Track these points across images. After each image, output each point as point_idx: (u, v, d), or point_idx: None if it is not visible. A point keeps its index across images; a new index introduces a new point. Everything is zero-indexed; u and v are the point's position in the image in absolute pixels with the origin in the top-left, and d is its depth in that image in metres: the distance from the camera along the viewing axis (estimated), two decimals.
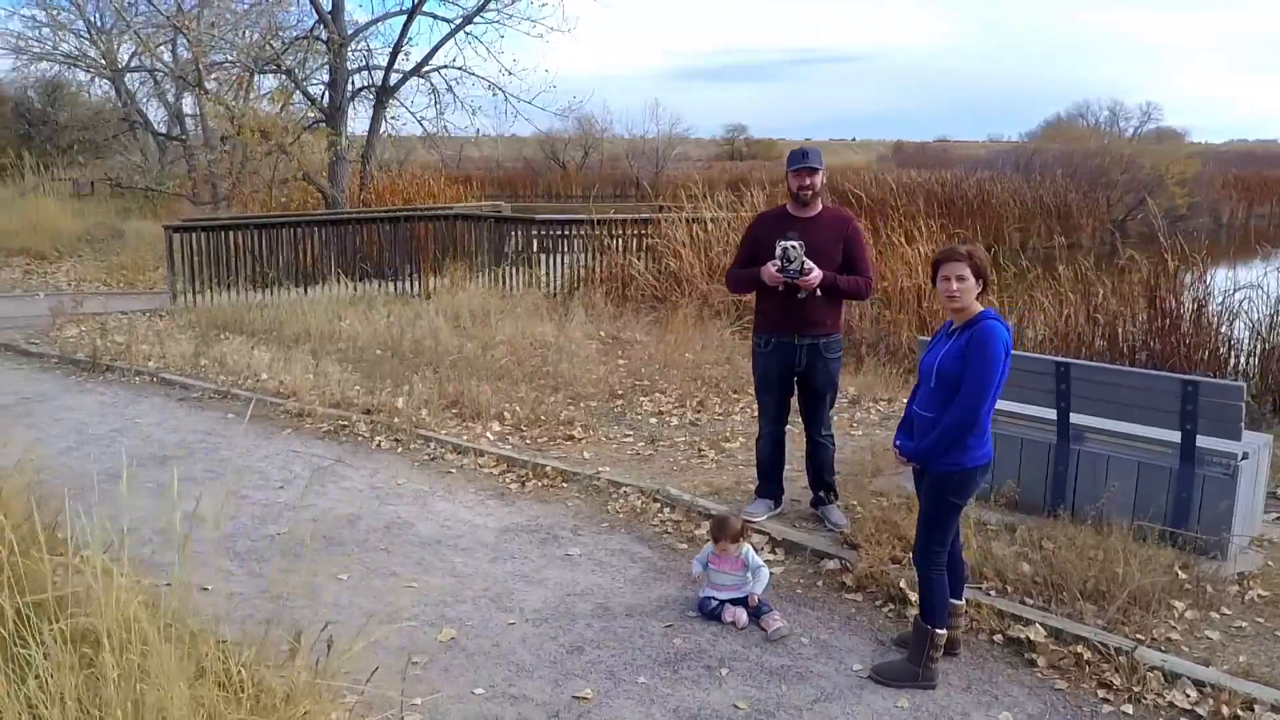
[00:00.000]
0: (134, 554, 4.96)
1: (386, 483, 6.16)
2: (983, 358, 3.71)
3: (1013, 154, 35.59)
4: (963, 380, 3.75)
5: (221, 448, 6.80)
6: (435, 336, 9.15)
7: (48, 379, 8.72)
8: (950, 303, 3.85)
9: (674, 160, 56.74)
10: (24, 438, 6.91)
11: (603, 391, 7.92)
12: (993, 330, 3.75)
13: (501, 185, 47.66)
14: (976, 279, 3.81)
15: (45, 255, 16.59)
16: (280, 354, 8.82)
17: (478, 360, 8.54)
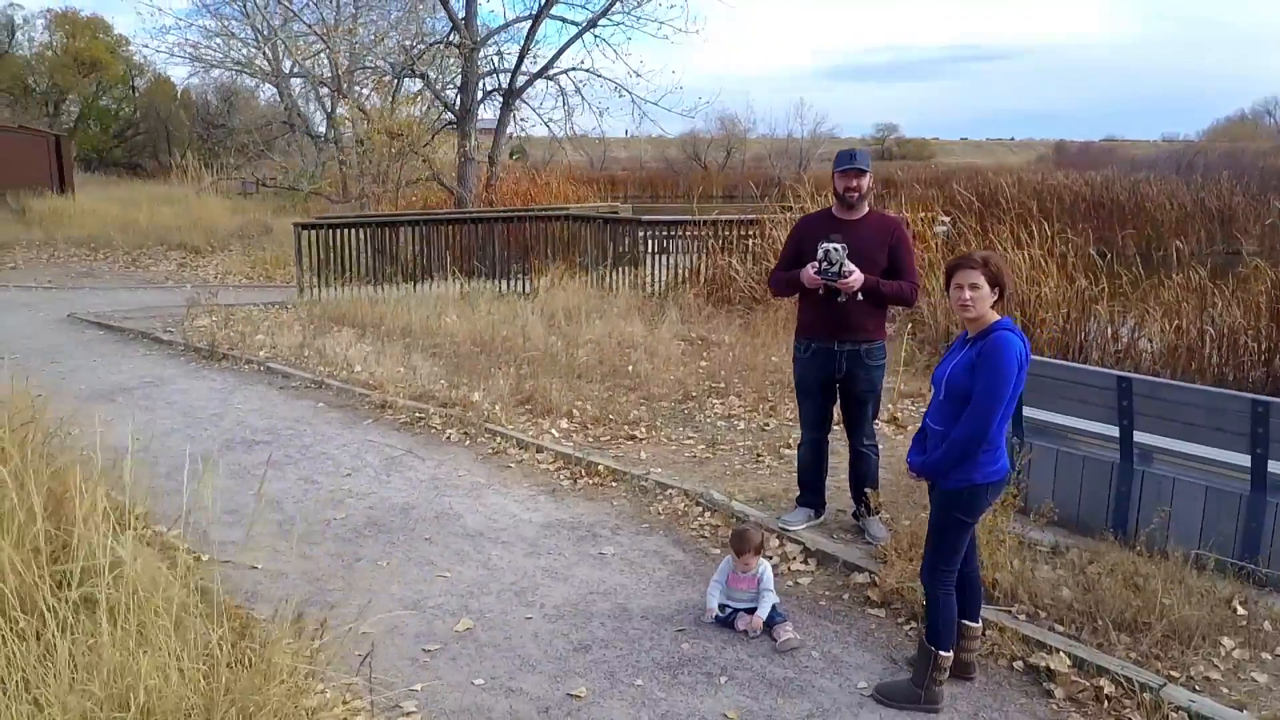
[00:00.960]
0: (199, 530, 5.33)
1: (448, 475, 6.36)
2: (993, 371, 3.55)
3: (1178, 155, 33.36)
4: (972, 394, 3.59)
5: (305, 434, 7.17)
6: (524, 334, 9.36)
7: (171, 365, 9.40)
8: (963, 312, 3.69)
9: (818, 160, 55.98)
10: (137, 418, 7.51)
11: (676, 392, 7.92)
12: (1005, 342, 3.58)
13: (643, 186, 48.18)
14: (992, 287, 3.65)
15: (200, 249, 17.84)
16: (377, 347, 9.21)
17: (561, 358, 8.68)
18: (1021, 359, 3.61)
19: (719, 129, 57.90)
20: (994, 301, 3.69)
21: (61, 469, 5.20)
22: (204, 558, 5.09)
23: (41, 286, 14.62)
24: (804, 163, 53.36)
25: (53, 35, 47.58)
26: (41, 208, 21.61)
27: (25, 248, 17.85)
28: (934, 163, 61.70)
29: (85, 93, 48.16)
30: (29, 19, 46.91)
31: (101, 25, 48.27)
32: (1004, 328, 3.64)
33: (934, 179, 32.45)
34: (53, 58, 46.53)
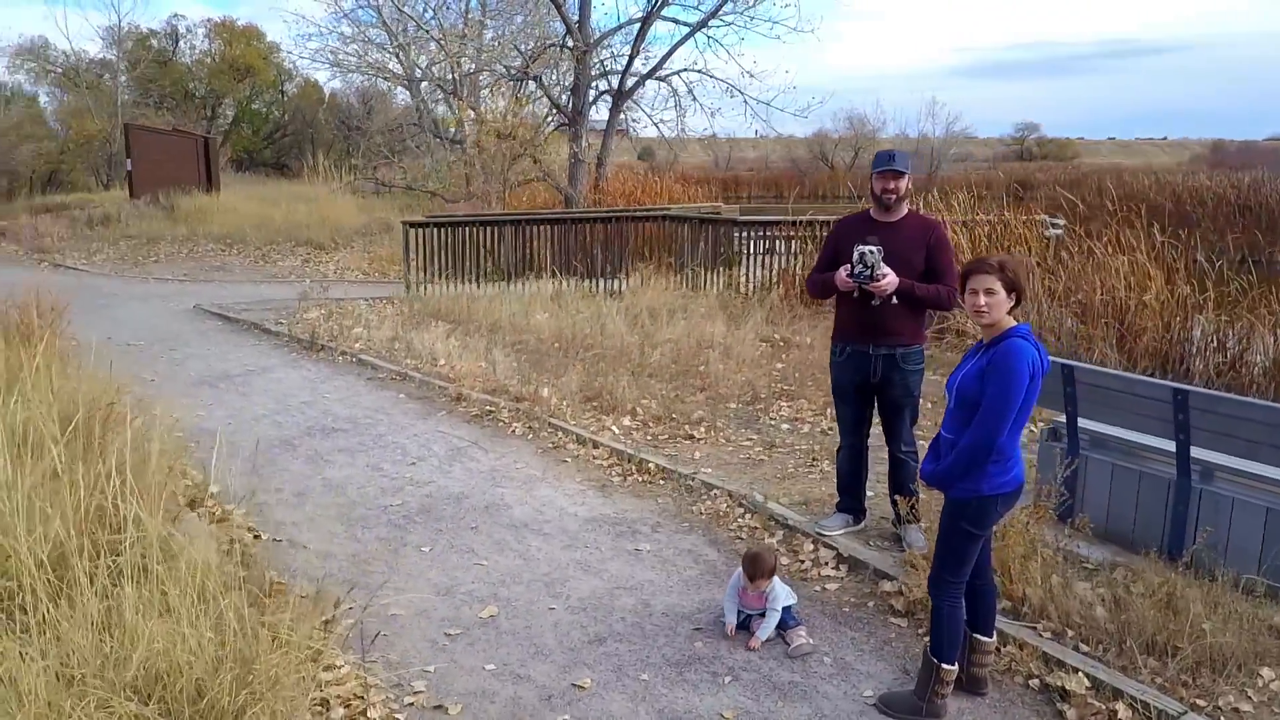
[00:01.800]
0: (265, 511, 5.66)
1: (506, 467, 6.55)
2: (1003, 379, 3.45)
3: None
4: (981, 402, 3.50)
5: (381, 424, 7.49)
6: (603, 332, 9.50)
7: (275, 354, 9.95)
8: (977, 318, 3.60)
9: (950, 160, 54.45)
10: (234, 404, 8.00)
11: (745, 393, 7.91)
12: (1017, 350, 3.47)
13: (767, 186, 47.86)
14: (1009, 293, 3.54)
15: (324, 246, 18.71)
16: (464, 342, 9.51)
17: (635, 357, 8.78)
18: (1035, 368, 3.49)
19: (847, 128, 57.03)
20: (1010, 307, 3.58)
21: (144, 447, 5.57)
22: (262, 536, 5.42)
23: (177, 279, 15.66)
24: (935, 163, 51.97)
25: (211, 43, 50.60)
26: (188, 205, 23.03)
27: (169, 243, 19.12)
28: (1077, 163, 59.14)
29: (240, 97, 51.09)
30: (191, 28, 49.85)
31: (256, 34, 51.01)
32: (1018, 335, 3.53)
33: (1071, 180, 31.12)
34: (211, 64, 49.48)
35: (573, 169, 18.51)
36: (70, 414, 5.23)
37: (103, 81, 44.53)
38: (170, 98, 46.96)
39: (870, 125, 58.35)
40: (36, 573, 3.39)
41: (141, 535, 3.96)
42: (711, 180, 38.79)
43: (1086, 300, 8.82)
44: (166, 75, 47.42)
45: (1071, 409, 5.15)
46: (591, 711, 3.77)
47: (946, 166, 51.71)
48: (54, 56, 47.41)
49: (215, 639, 3.35)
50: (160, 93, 46.91)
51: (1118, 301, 8.73)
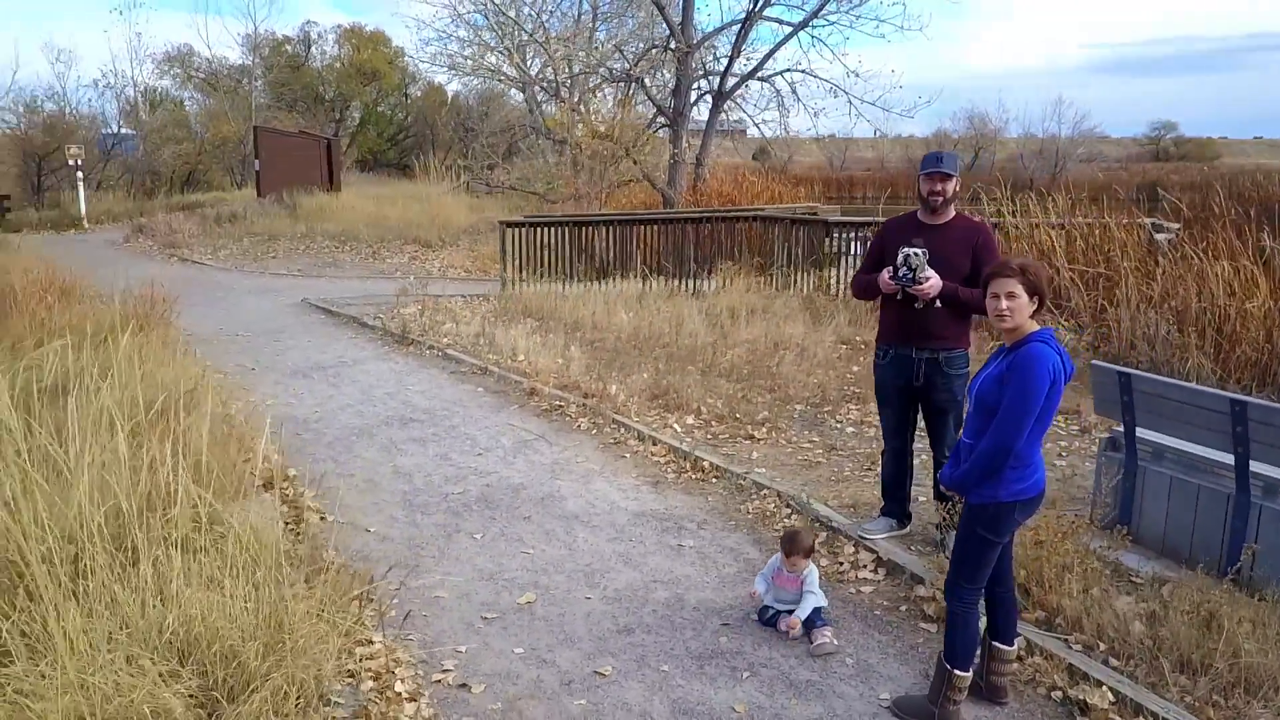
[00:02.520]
0: (335, 494, 5.97)
1: (567, 460, 6.72)
2: (1021, 384, 3.41)
3: None
4: (999, 407, 3.47)
5: (456, 415, 7.77)
6: (677, 331, 9.60)
7: (368, 348, 10.40)
8: (999, 322, 3.56)
9: (1077, 160, 52.40)
10: (323, 393, 8.42)
11: (815, 395, 7.88)
12: (1037, 354, 3.42)
13: (882, 186, 47.03)
14: (1031, 296, 3.50)
15: (431, 244, 19.35)
16: (545, 339, 9.75)
17: (709, 356, 8.85)
18: (1056, 373, 3.44)
19: (967, 129, 55.50)
20: (1033, 311, 3.54)
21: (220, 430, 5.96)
22: (328, 517, 5.72)
23: (291, 274, 16.47)
24: (1060, 163, 50.15)
25: (341, 49, 52.75)
26: (310, 204, 24.13)
27: (289, 240, 20.08)
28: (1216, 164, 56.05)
29: (366, 100, 53.12)
30: (322, 34, 52.09)
31: (382, 39, 52.90)
32: (1040, 339, 3.48)
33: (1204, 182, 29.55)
34: (340, 69, 51.58)
35: (672, 170, 18.65)
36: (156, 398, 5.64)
37: (241, 86, 47.09)
38: (301, 101, 49.24)
39: (992, 125, 56.70)
40: (97, 541, 3.70)
41: (192, 510, 4.26)
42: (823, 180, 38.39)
43: (1182, 307, 8.45)
44: (298, 79, 49.69)
45: (1129, 418, 4.99)
46: (608, 698, 3.88)
47: (1072, 167, 49.76)
48: (197, 63, 50.35)
49: (251, 608, 3.60)
50: (292, 96, 49.27)
51: (1217, 309, 8.34)
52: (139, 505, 4.10)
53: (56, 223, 23.52)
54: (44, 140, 26.70)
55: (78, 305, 9.62)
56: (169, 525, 4.03)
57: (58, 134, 26.97)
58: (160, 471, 4.28)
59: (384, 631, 4.32)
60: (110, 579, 3.61)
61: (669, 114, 18.86)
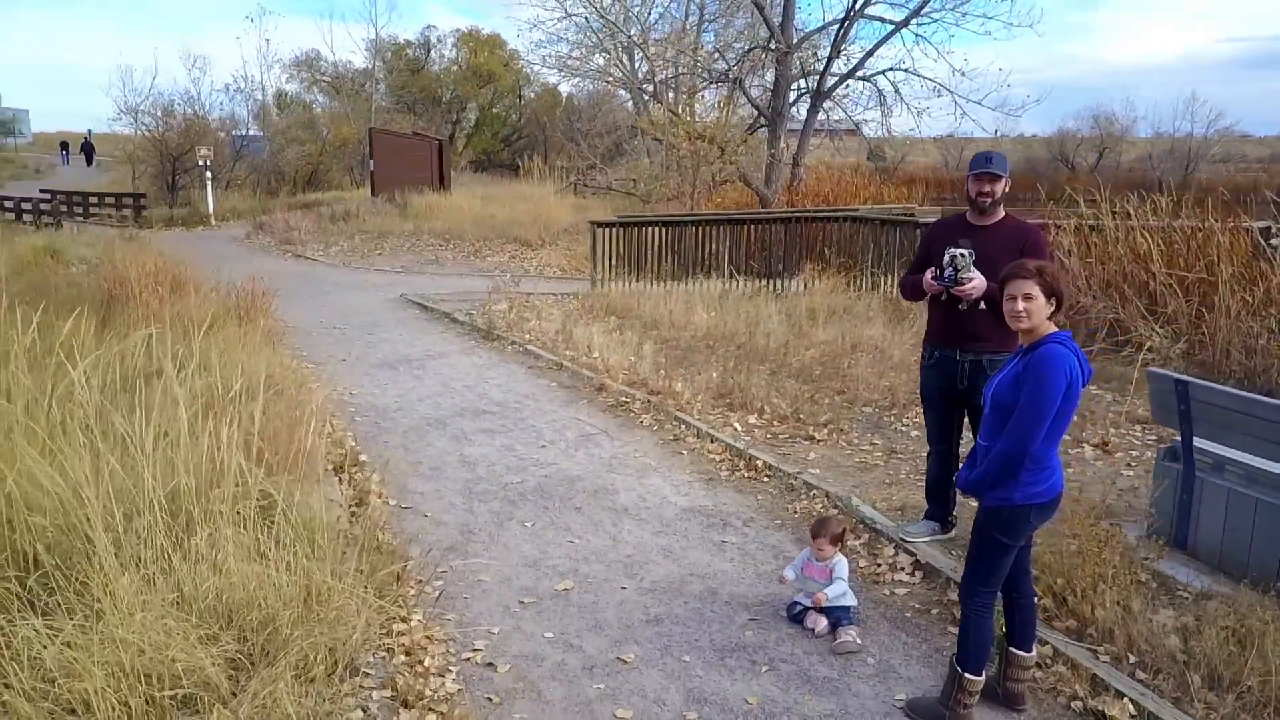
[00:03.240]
0: (401, 480, 6.25)
1: (626, 454, 6.85)
2: (1037, 386, 3.38)
3: None
4: (1015, 409, 3.44)
5: (527, 409, 8.00)
6: (752, 331, 9.61)
7: (455, 342, 10.76)
8: (1016, 324, 3.53)
9: (1210, 161, 49.72)
10: (406, 384, 8.77)
11: (884, 398, 7.80)
12: (1053, 356, 3.39)
13: None
14: (1048, 298, 3.46)
15: (531, 243, 19.77)
16: (619, 336, 9.91)
17: (781, 356, 8.85)
18: (1073, 375, 3.40)
19: (1092, 128, 53.27)
20: (1051, 313, 3.50)
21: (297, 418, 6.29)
22: (390, 501, 5.99)
23: (395, 271, 17.10)
24: (1191, 164, 47.67)
25: (459, 52, 54.20)
26: (419, 203, 24.94)
27: (396, 237, 20.81)
28: None
29: (482, 102, 54.46)
30: (441, 38, 53.63)
31: (498, 42, 54.12)
32: (1056, 341, 3.44)
33: None
34: (457, 72, 53.02)
35: (770, 170, 18.59)
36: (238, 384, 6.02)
37: (364, 89, 48.97)
38: (420, 103, 50.85)
39: (1119, 124, 54.23)
40: (157, 513, 4.01)
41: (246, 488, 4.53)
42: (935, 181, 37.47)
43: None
44: (417, 82, 51.32)
45: (1186, 428, 4.82)
46: (626, 684, 4.00)
47: (1205, 168, 47.20)
48: (324, 67, 52.58)
49: (288, 580, 3.85)
50: (411, 99, 50.95)
51: None
52: (200, 482, 4.41)
53: (187, 219, 24.95)
54: (178, 142, 28.33)
55: (187, 297, 10.23)
56: (223, 501, 4.31)
57: (191, 136, 28.57)
58: (222, 452, 4.57)
59: (423, 610, 4.54)
60: (169, 547, 3.91)
61: (767, 114, 18.80)
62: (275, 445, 5.55)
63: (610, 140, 34.80)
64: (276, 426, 5.88)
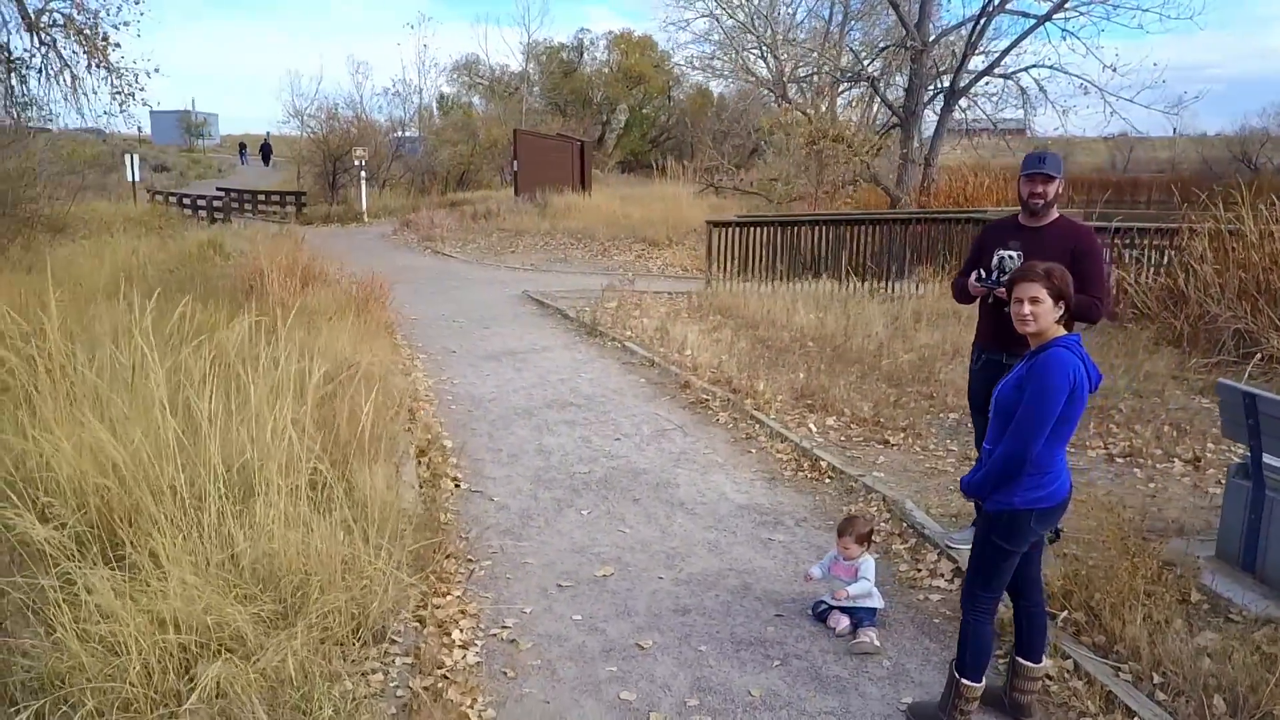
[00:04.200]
0: (478, 466, 6.56)
1: (696, 451, 6.95)
2: (1038, 389, 3.33)
3: None
4: (1017, 412, 3.39)
5: (611, 402, 8.20)
6: (849, 333, 9.50)
7: (560, 337, 11.09)
8: (1023, 327, 3.48)
9: None
10: (505, 376, 9.14)
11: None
12: (1056, 359, 3.33)
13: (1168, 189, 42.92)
14: (1056, 301, 3.40)
15: (658, 243, 20.00)
16: (715, 335, 9.98)
17: (875, 359, 8.73)
18: (1077, 380, 3.32)
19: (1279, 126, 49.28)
20: (1060, 316, 3.42)
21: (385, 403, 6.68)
22: (462, 485, 6.30)
23: (523, 268, 17.67)
24: None
25: (610, 54, 55.17)
26: (559, 203, 25.62)
27: (532, 236, 21.46)
28: None
29: (632, 103, 55.25)
30: (594, 41, 54.73)
31: (650, 44, 54.77)
32: (1061, 344, 3.37)
33: None
34: (608, 74, 53.99)
35: (902, 170, 18.20)
36: (335, 370, 6.46)
37: (519, 91, 50.59)
38: (571, 105, 52.07)
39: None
40: (222, 485, 4.39)
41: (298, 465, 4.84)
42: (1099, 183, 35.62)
43: None
44: (568, 84, 52.58)
45: (1256, 444, 4.55)
46: (637, 669, 4.12)
47: None
48: (482, 70, 54.62)
49: (328, 549, 4.15)
50: (563, 101, 52.25)
51: None
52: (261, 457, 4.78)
53: (342, 216, 26.48)
54: (339, 143, 30.06)
55: (318, 288, 10.93)
56: (278, 475, 4.67)
57: (351, 137, 30.27)
58: (286, 430, 4.95)
59: (465, 587, 4.80)
60: (221, 514, 4.29)
61: (901, 114, 18.40)
62: (355, 427, 5.93)
63: (753, 140, 34.74)
64: (360, 409, 6.29)
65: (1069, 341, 3.39)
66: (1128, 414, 7.20)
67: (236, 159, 57.00)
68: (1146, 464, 6.31)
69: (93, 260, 13.49)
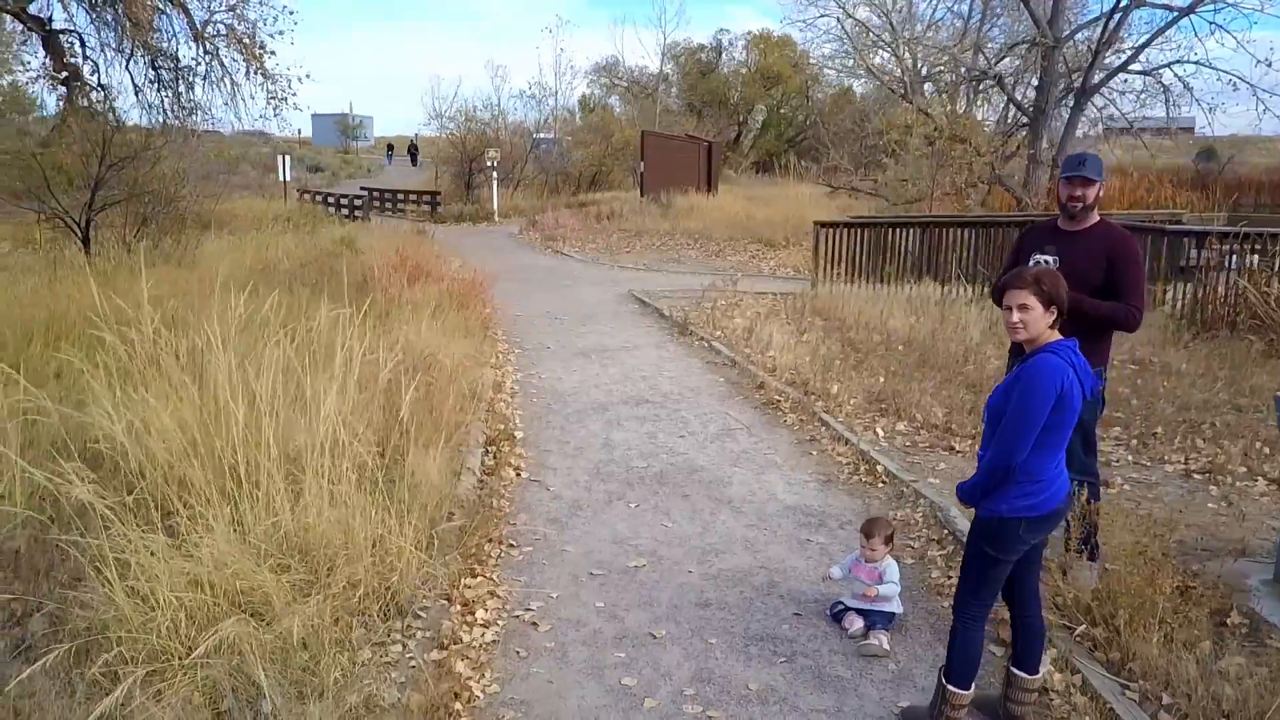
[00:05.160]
0: (544, 457, 6.81)
1: (757, 451, 6.99)
2: (1025, 395, 3.29)
3: None
4: (1004, 418, 3.36)
5: (686, 401, 8.31)
6: (935, 338, 9.30)
7: (652, 335, 11.25)
8: (1014, 335, 3.45)
9: None
10: (591, 372, 9.39)
11: None
12: (1043, 365, 3.28)
13: None
14: (1047, 307, 3.35)
15: (773, 244, 19.93)
16: (803, 337, 9.93)
17: (960, 365, 8.54)
18: (1065, 386, 3.25)
19: None
20: (1053, 321, 3.37)
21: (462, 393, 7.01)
22: (523, 474, 6.55)
23: (636, 268, 17.92)
24: None
25: (749, 54, 54.96)
26: (683, 204, 25.82)
27: (650, 236, 21.74)
28: None
29: (770, 103, 54.95)
30: (733, 41, 54.64)
31: (789, 43, 54.26)
32: (1051, 350, 3.32)
33: None
34: (745, 74, 53.85)
35: (1030, 171, 17.55)
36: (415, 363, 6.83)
37: (657, 92, 51.11)
38: (707, 105, 52.19)
39: None
40: (278, 463, 4.75)
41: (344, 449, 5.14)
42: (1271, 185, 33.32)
43: None
44: (705, 85, 52.71)
45: None
46: (644, 656, 4.24)
47: None
48: (621, 72, 55.42)
49: (363, 527, 4.44)
50: (699, 101, 52.44)
51: None
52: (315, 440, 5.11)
53: (474, 216, 27.43)
54: (476, 144, 31.13)
55: (425, 284, 11.45)
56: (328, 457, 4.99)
57: (488, 139, 31.30)
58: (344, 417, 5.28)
59: (501, 570, 5.03)
60: (272, 490, 4.64)
61: (1029, 112, 17.73)
62: (422, 415, 6.26)
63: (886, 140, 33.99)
64: (431, 400, 6.63)
65: (1059, 347, 3.32)
66: (1220, 429, 6.82)
67: (384, 159, 59.73)
68: (1225, 481, 5.98)
69: (234, 254, 14.51)
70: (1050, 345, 3.33)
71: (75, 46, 25.11)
